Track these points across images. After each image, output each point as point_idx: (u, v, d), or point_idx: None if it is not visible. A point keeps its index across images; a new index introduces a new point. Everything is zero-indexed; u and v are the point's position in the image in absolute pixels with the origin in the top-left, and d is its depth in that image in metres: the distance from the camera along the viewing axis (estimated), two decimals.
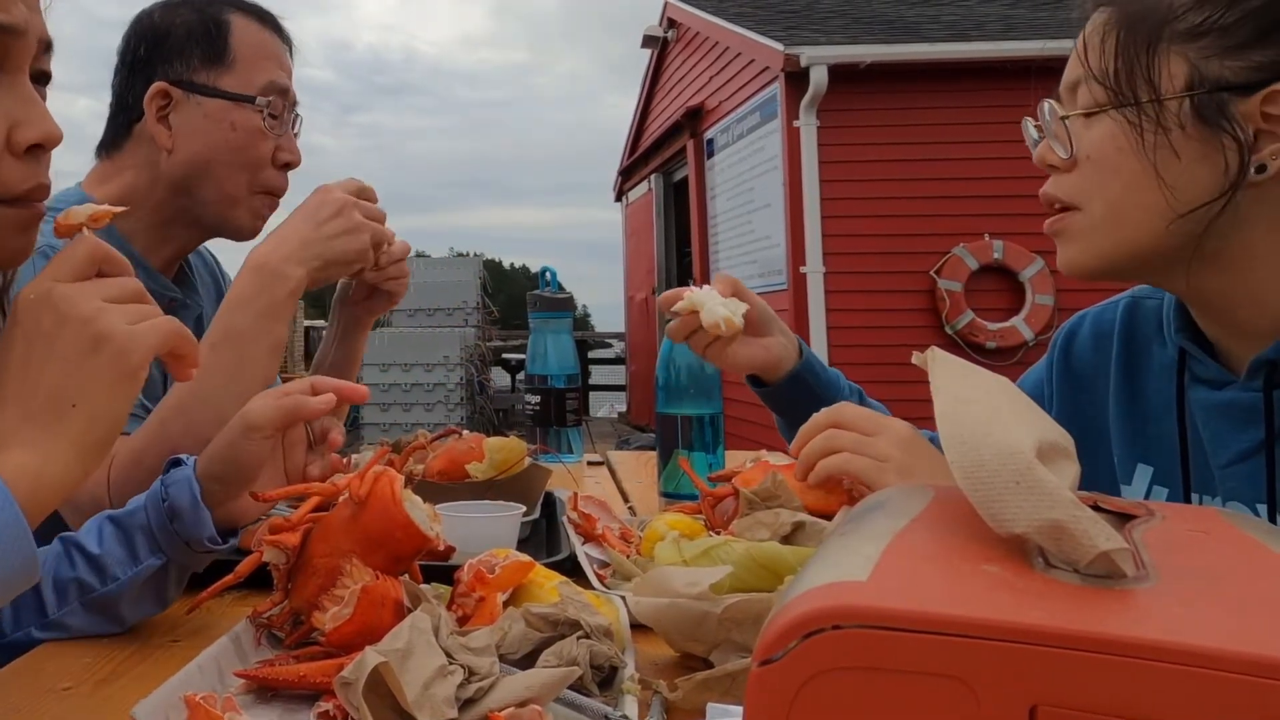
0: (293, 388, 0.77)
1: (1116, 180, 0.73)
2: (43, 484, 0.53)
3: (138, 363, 0.57)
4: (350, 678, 0.53)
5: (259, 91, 1.11)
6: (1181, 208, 0.71)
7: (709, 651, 0.66)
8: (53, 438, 0.54)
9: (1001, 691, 0.29)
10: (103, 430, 0.56)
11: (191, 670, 0.60)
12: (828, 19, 7.50)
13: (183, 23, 1.10)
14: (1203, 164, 0.70)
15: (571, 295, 1.84)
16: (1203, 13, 0.70)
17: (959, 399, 0.38)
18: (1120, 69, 0.72)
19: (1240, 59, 0.68)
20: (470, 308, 8.79)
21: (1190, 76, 0.70)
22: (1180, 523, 0.40)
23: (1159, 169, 0.71)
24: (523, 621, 0.63)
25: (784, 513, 0.79)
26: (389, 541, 0.69)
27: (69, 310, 0.56)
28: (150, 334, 0.58)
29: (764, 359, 1.03)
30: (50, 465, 0.54)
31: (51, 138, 0.61)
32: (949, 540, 0.36)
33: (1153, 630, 0.29)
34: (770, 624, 0.31)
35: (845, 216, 6.30)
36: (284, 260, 0.96)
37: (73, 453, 0.54)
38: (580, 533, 0.96)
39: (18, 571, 0.51)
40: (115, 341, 0.56)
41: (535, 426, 1.73)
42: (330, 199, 1.01)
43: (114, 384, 0.56)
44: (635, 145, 10.83)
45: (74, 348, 0.56)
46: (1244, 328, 0.75)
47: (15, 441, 0.54)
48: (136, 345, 0.57)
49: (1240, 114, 0.68)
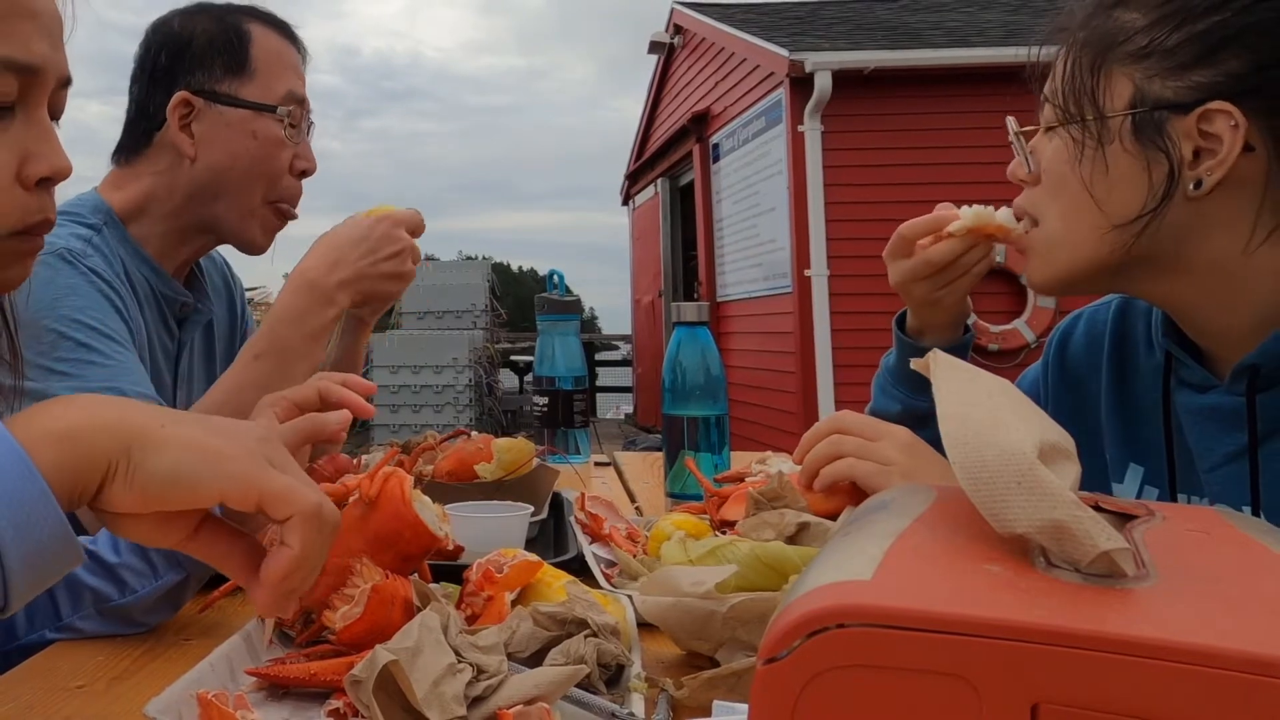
0: (305, 400, 0.76)
1: (1064, 194, 0.77)
2: (75, 452, 0.46)
3: (233, 474, 0.48)
4: (360, 675, 0.54)
5: (279, 101, 1.12)
6: (1116, 220, 0.73)
7: (715, 650, 0.67)
8: (111, 422, 0.47)
9: (1004, 690, 0.29)
10: (151, 465, 0.47)
11: (203, 668, 0.60)
12: (832, 25, 7.55)
13: (204, 32, 1.11)
14: (1134, 179, 0.73)
15: (579, 298, 1.85)
16: (1150, 35, 0.72)
17: (961, 401, 0.38)
18: (1067, 90, 0.75)
19: (1181, 79, 0.71)
20: (479, 310, 8.81)
21: (1133, 96, 0.72)
22: (1180, 523, 0.40)
23: (1089, 183, 0.74)
24: (531, 620, 0.64)
25: (789, 513, 0.80)
26: (399, 541, 0.70)
27: (249, 425, 0.52)
28: (274, 483, 0.48)
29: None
30: (85, 440, 0.46)
31: (61, 172, 0.61)
32: (952, 540, 0.36)
33: (1153, 629, 0.29)
34: (775, 623, 0.32)
35: (849, 220, 6.34)
36: (337, 287, 0.98)
37: (110, 446, 0.46)
38: (588, 533, 0.96)
39: (49, 547, 0.44)
40: (240, 445, 0.49)
41: (543, 428, 1.74)
42: (394, 237, 1.02)
43: (197, 455, 0.47)
44: (642, 150, 10.86)
45: (213, 426, 0.49)
46: (1223, 333, 0.76)
47: (76, 405, 0.47)
48: (251, 471, 0.48)
49: (1178, 132, 0.70)
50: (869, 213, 6.36)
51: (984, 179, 6.47)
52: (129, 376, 0.96)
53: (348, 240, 1.02)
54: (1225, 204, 0.71)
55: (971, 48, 6.41)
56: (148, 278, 1.11)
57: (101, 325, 0.97)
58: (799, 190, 6.44)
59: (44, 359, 0.92)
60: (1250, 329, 0.73)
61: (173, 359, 1.16)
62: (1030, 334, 6.23)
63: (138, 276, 1.09)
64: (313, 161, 1.17)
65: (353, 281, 0.99)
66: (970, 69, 6.07)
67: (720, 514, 0.95)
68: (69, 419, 0.46)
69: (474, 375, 8.25)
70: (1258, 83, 0.68)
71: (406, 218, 1.06)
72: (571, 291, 1.84)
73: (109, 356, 0.96)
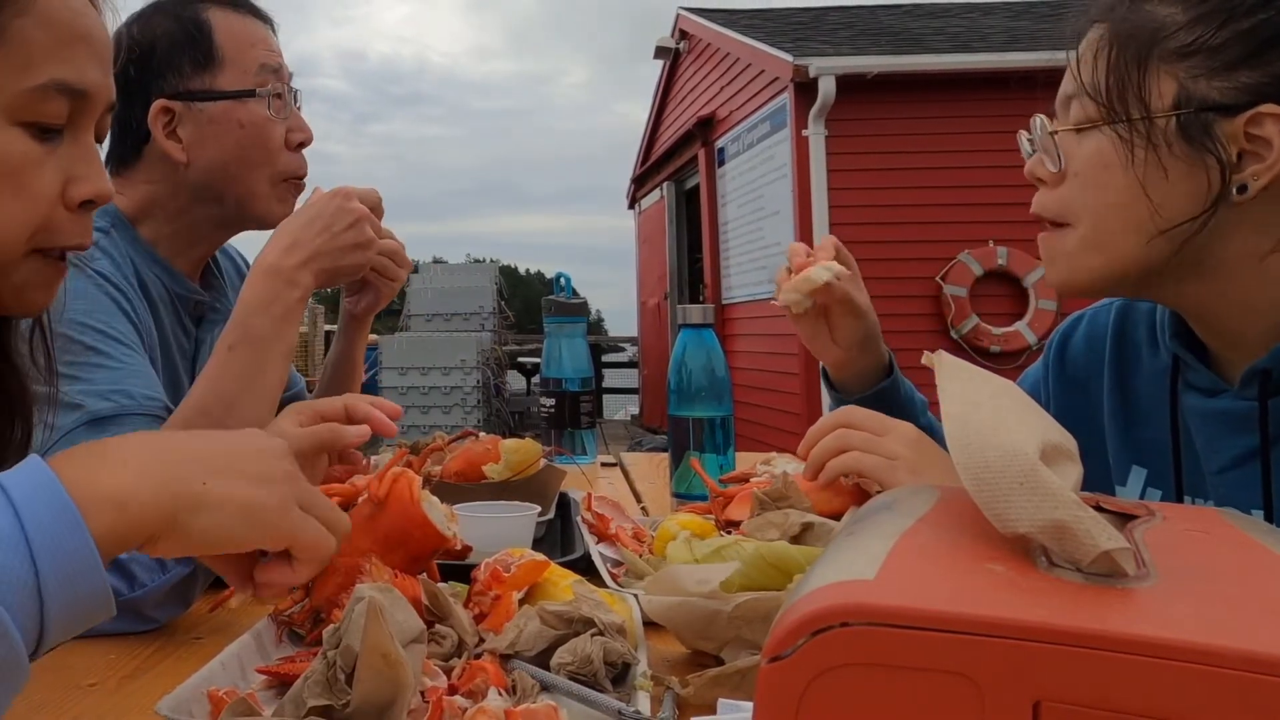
0: (330, 410, 0.77)
1: (1103, 196, 0.73)
2: (125, 517, 0.47)
3: (272, 528, 0.51)
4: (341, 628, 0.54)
5: (255, 81, 1.09)
6: (1164, 224, 0.71)
7: (720, 648, 0.67)
8: (157, 485, 0.48)
9: (1006, 687, 0.29)
10: (196, 526, 0.49)
11: (214, 666, 0.61)
12: (836, 31, 7.59)
13: (164, 34, 1.08)
14: (1186, 182, 0.70)
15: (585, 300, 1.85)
16: (1193, 32, 0.69)
17: (965, 402, 0.38)
18: (1112, 85, 0.72)
19: (1227, 80, 0.68)
20: (487, 313, 8.83)
21: (1178, 95, 0.70)
22: (1180, 523, 0.40)
23: (1146, 186, 0.71)
24: (538, 619, 0.64)
25: (793, 513, 0.80)
26: (407, 541, 0.70)
27: (269, 448, 0.54)
28: (307, 532, 0.52)
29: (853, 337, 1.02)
30: (137, 505, 0.48)
31: (102, 196, 0.62)
32: (954, 540, 0.37)
33: (1153, 627, 0.29)
34: (779, 622, 0.32)
35: (853, 224, 6.37)
36: (297, 268, 0.97)
37: (157, 514, 0.48)
38: (594, 532, 0.97)
39: (86, 603, 0.45)
40: (277, 496, 0.51)
41: (550, 428, 1.74)
42: (348, 209, 1.00)
43: (240, 515, 0.50)
44: (648, 154, 10.89)
45: (255, 462, 0.51)
46: (1236, 337, 0.75)
47: (123, 461, 0.48)
48: (287, 524, 0.52)
49: (1224, 134, 0.68)
50: (872, 216, 6.39)
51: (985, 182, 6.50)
52: (136, 379, 0.96)
53: (301, 221, 1.00)
54: (1263, 208, 0.69)
55: (974, 53, 6.45)
56: (160, 278, 1.10)
57: (108, 328, 0.98)
58: (803, 194, 6.47)
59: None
60: (1263, 332, 0.73)
61: (190, 358, 1.16)
62: (1032, 336, 6.24)
63: (150, 277, 1.09)
64: (307, 131, 1.13)
65: (312, 259, 0.97)
66: (972, 74, 6.10)
67: (725, 514, 0.95)
68: (122, 482, 0.47)
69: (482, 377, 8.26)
70: None
71: (360, 191, 1.04)
72: (578, 294, 1.85)
73: (117, 359, 0.96)
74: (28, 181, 0.59)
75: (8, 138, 0.58)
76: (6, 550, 0.42)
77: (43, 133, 0.59)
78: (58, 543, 0.43)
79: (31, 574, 0.42)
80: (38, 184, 0.59)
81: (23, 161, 0.59)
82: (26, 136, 0.59)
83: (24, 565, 0.42)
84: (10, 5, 0.57)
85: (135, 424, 0.94)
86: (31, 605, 0.42)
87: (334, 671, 0.53)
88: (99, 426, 0.92)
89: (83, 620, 0.46)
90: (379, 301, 1.17)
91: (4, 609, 0.41)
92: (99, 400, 0.93)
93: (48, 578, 0.43)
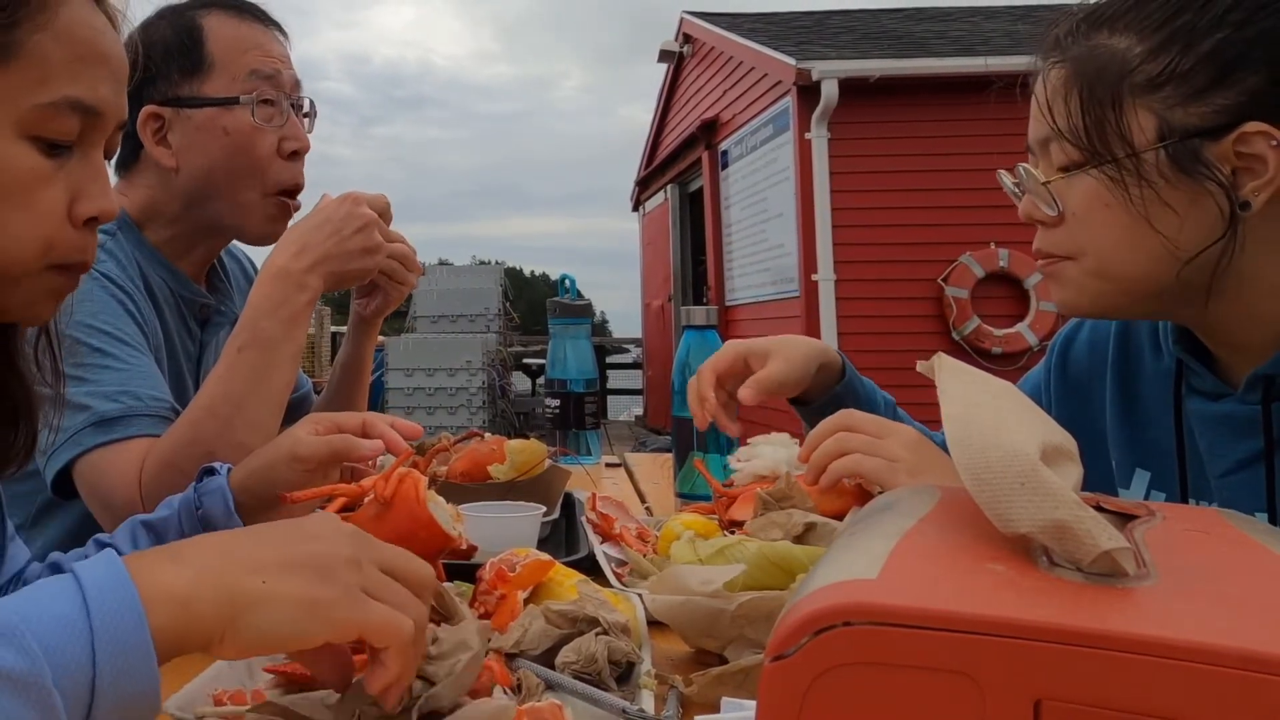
0: (347, 423, 0.76)
1: (1107, 234, 0.73)
2: (187, 615, 0.46)
3: (337, 620, 0.48)
4: None
5: (242, 86, 1.07)
6: (1185, 254, 0.70)
7: (723, 647, 0.67)
8: (218, 584, 0.47)
9: (1007, 686, 0.30)
10: (257, 625, 0.47)
11: (222, 666, 0.61)
12: (838, 35, 7.61)
13: (159, 40, 1.08)
14: (1194, 209, 0.69)
15: (590, 302, 1.86)
16: (1159, 62, 0.69)
17: (966, 403, 0.38)
18: (1090, 126, 0.71)
19: (1203, 104, 0.68)
20: (492, 314, 8.83)
21: (1160, 127, 0.69)
22: (1180, 523, 0.40)
23: (1152, 222, 0.70)
24: (543, 618, 0.65)
25: (796, 513, 0.80)
26: (413, 541, 0.70)
27: (332, 535, 0.51)
28: (374, 617, 0.49)
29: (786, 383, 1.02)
30: (199, 604, 0.46)
31: (107, 214, 0.62)
32: (956, 540, 0.37)
33: (1153, 627, 0.30)
34: (783, 621, 0.32)
35: (855, 226, 6.40)
36: (306, 271, 0.97)
37: (217, 614, 0.46)
38: (599, 532, 0.97)
39: (136, 699, 0.44)
40: (339, 586, 0.48)
41: (555, 429, 1.75)
42: (357, 214, 1.00)
43: (300, 610, 0.47)
44: (652, 156, 10.91)
45: (310, 566, 0.49)
46: (1241, 343, 0.75)
47: (189, 561, 0.48)
48: (351, 614, 0.48)
49: (1215, 157, 0.68)
50: (874, 218, 6.42)
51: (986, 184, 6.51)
52: (143, 380, 0.97)
53: (310, 225, 1.00)
54: (1267, 221, 0.69)
55: (975, 56, 6.46)
56: (165, 280, 1.11)
57: (115, 330, 0.98)
58: (806, 196, 6.50)
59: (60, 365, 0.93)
60: (1267, 338, 0.73)
61: (194, 360, 1.16)
62: (1033, 337, 6.26)
63: (155, 279, 1.10)
64: (303, 140, 1.11)
65: (321, 263, 0.98)
66: (974, 78, 6.11)
67: (729, 514, 0.95)
68: (185, 581, 0.46)
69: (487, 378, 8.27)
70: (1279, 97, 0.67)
71: (369, 196, 1.04)
72: (583, 295, 1.85)
73: (123, 361, 0.97)
74: (35, 197, 0.59)
75: (17, 151, 0.58)
76: (70, 636, 0.42)
77: (52, 148, 0.59)
78: (119, 636, 0.43)
79: (89, 664, 0.42)
80: (45, 200, 0.59)
81: (31, 176, 0.59)
82: (36, 152, 0.59)
83: (84, 654, 0.42)
84: (29, 21, 0.57)
85: (142, 425, 0.94)
86: (84, 692, 0.42)
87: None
88: (106, 428, 0.93)
89: (129, 714, 0.44)
90: (388, 304, 1.17)
91: (59, 695, 0.40)
92: (106, 402, 0.93)
93: (104, 671, 0.42)
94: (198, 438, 0.90)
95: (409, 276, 1.12)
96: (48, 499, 1.00)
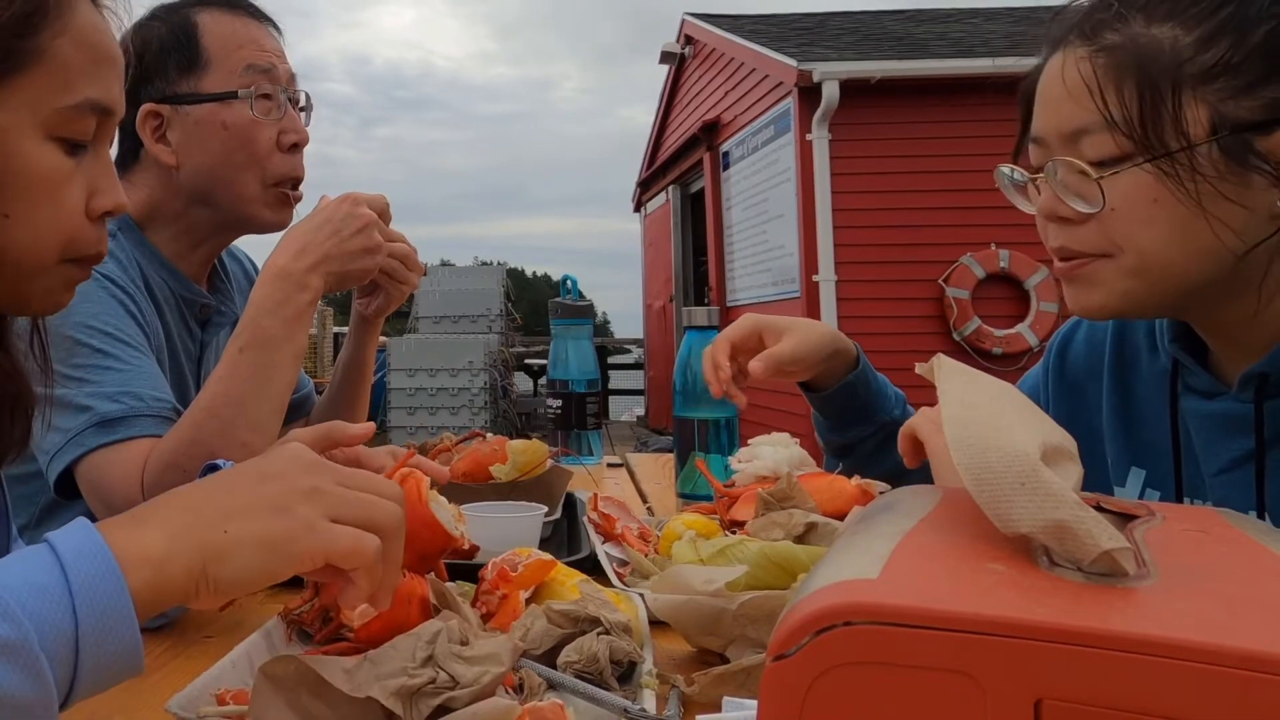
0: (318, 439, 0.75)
1: (1152, 230, 0.70)
2: (161, 576, 0.48)
3: (299, 553, 0.50)
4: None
5: (239, 81, 1.08)
6: (1241, 247, 0.68)
7: (725, 647, 0.68)
8: (188, 540, 0.49)
9: (1007, 686, 0.30)
10: (226, 574, 0.49)
11: (224, 665, 0.61)
12: (839, 36, 7.62)
13: (155, 38, 1.08)
14: (1248, 202, 0.68)
15: (592, 303, 1.86)
16: (1211, 53, 0.67)
17: (965, 404, 0.39)
18: (1146, 117, 0.69)
19: (1254, 98, 0.67)
20: (494, 315, 8.84)
21: (1213, 120, 0.67)
22: (1180, 523, 0.40)
23: (1210, 215, 0.68)
24: (545, 618, 0.65)
25: (797, 513, 0.80)
26: (415, 541, 0.70)
27: (289, 470, 0.53)
28: (338, 542, 0.50)
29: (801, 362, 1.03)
30: (172, 563, 0.48)
31: (120, 207, 0.65)
32: (956, 540, 0.37)
33: (1153, 626, 0.30)
34: (784, 620, 0.32)
35: (856, 227, 6.40)
36: (307, 271, 0.98)
37: (189, 570, 0.48)
38: (600, 532, 0.97)
39: (119, 659, 0.46)
40: (298, 520, 0.50)
41: (557, 429, 1.75)
42: (357, 214, 1.01)
43: (263, 550, 0.49)
44: (653, 158, 10.92)
45: (268, 506, 0.50)
46: (1240, 342, 0.75)
47: (158, 523, 0.50)
48: (313, 544, 0.50)
49: (1264, 150, 0.67)
50: (875, 219, 6.43)
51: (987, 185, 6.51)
52: (145, 381, 0.97)
53: (311, 226, 1.00)
54: None
55: (976, 58, 6.47)
56: (166, 281, 1.11)
57: (116, 330, 0.98)
58: (807, 197, 6.50)
59: (61, 365, 0.93)
60: (1264, 337, 0.72)
61: (195, 360, 1.16)
62: (1034, 338, 6.27)
63: (156, 280, 1.10)
64: (302, 133, 1.12)
65: (321, 263, 0.98)
66: (974, 79, 6.12)
67: (730, 514, 0.95)
68: (156, 543, 0.49)
69: (489, 378, 8.27)
70: None
71: (368, 197, 1.04)
72: (585, 296, 1.85)
73: (124, 361, 0.97)
74: (60, 195, 0.62)
75: (44, 151, 0.60)
76: (50, 602, 0.44)
77: (72, 147, 0.62)
78: (98, 596, 0.45)
79: (72, 628, 0.44)
80: (68, 197, 0.62)
81: (57, 175, 0.61)
82: (60, 151, 0.61)
83: (66, 618, 0.44)
84: (49, 27, 0.59)
85: (144, 426, 0.94)
86: (68, 654, 0.44)
87: None
88: (108, 428, 0.93)
89: (112, 674, 0.47)
90: (390, 304, 1.17)
91: (43, 655, 0.42)
92: (108, 402, 0.94)
93: (86, 629, 0.44)
94: (199, 438, 0.90)
95: (410, 276, 1.12)
96: (51, 500, 1.00)
